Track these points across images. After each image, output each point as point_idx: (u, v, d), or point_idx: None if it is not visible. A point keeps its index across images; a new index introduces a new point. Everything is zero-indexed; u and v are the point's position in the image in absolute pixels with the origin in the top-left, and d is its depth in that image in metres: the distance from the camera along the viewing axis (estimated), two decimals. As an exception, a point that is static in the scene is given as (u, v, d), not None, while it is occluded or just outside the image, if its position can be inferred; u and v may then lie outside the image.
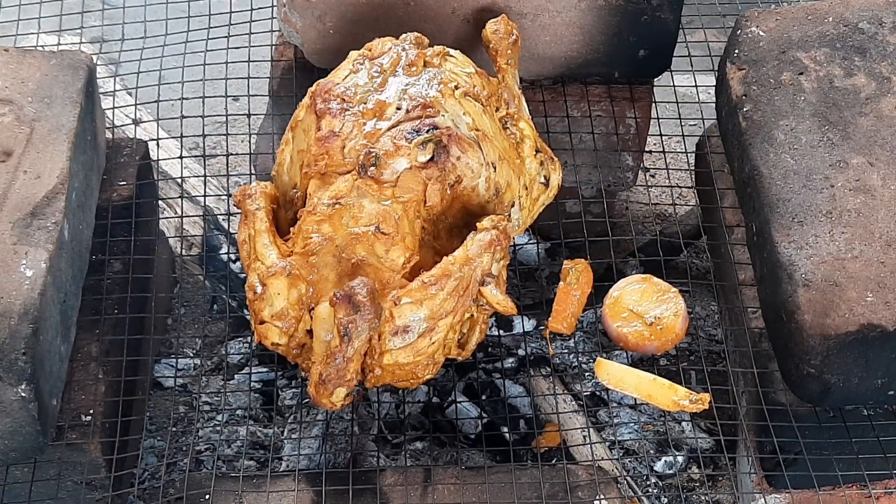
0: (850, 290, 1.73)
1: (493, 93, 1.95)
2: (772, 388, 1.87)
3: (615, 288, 2.00)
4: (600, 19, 2.18)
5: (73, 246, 1.86)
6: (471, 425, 2.14)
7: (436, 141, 1.78)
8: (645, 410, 2.19)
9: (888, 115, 1.92)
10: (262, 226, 1.81)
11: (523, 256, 2.30)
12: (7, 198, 1.80)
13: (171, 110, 2.29)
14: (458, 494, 1.82)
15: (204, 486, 1.83)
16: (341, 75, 1.91)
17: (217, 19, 2.34)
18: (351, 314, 1.61)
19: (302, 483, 1.83)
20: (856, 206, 1.82)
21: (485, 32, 2.06)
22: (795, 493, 1.94)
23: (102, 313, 1.94)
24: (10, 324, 1.66)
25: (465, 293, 1.73)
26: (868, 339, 1.71)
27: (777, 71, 2.00)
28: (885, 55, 2.00)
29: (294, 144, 1.91)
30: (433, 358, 1.76)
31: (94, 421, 1.84)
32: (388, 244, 1.75)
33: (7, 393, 1.64)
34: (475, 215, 1.82)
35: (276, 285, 1.74)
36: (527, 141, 1.96)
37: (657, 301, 1.96)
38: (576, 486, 1.83)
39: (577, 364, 2.21)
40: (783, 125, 1.93)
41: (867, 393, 1.79)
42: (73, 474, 1.82)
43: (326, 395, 1.67)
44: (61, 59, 2.01)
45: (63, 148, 1.88)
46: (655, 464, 2.14)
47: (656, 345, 1.93)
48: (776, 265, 1.80)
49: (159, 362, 2.26)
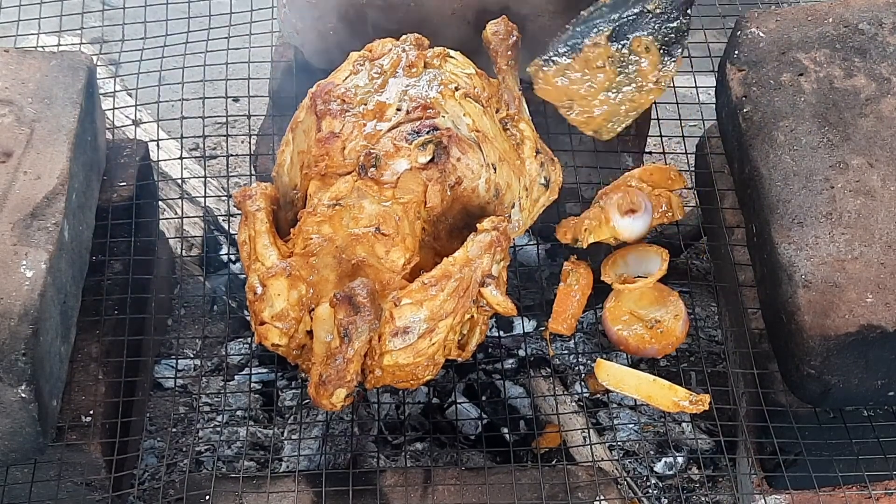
0: (850, 291, 1.73)
1: (494, 94, 1.95)
2: (772, 389, 1.87)
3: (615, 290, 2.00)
4: (600, 20, 2.18)
5: (73, 247, 1.86)
6: (471, 426, 2.14)
7: (436, 142, 1.79)
8: (645, 411, 2.19)
9: (888, 116, 1.92)
10: (262, 227, 1.81)
11: (523, 257, 2.30)
12: (7, 198, 1.80)
13: (171, 111, 2.29)
14: (458, 495, 1.82)
15: (204, 487, 1.83)
16: (342, 76, 1.91)
17: (217, 20, 2.34)
18: (351, 315, 1.62)
19: (302, 484, 1.84)
20: (856, 207, 1.82)
21: (485, 34, 2.06)
22: (795, 494, 1.94)
23: (102, 314, 1.94)
24: (11, 325, 1.66)
25: (466, 294, 1.73)
26: (868, 339, 1.71)
27: (777, 72, 2.00)
28: (885, 56, 2.00)
29: (294, 145, 1.91)
30: (433, 359, 1.76)
31: (94, 422, 1.84)
32: (388, 245, 1.75)
33: (7, 394, 1.64)
34: (475, 216, 1.82)
35: (276, 286, 1.74)
36: (527, 142, 1.96)
37: (657, 304, 1.96)
38: (576, 487, 1.83)
39: (576, 364, 2.21)
40: (783, 126, 1.93)
41: (867, 394, 1.79)
42: (73, 475, 1.82)
43: (326, 396, 1.67)
44: (61, 60, 2.01)
45: (63, 149, 1.88)
46: (655, 464, 2.14)
47: (657, 348, 1.93)
48: (776, 266, 1.80)
49: (159, 363, 2.26)
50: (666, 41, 1.83)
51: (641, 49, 1.83)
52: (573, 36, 1.82)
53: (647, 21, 1.82)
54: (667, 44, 1.84)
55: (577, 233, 1.96)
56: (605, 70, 1.85)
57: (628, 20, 1.81)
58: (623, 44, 1.83)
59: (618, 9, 1.82)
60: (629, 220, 1.93)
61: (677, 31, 1.85)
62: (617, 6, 1.82)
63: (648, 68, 1.84)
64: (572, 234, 1.98)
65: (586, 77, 1.85)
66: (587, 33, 1.83)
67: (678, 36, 1.85)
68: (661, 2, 1.82)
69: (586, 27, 1.81)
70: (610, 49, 1.83)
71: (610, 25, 1.82)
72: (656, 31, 1.84)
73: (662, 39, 1.83)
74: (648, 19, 1.81)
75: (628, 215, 1.94)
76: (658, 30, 1.84)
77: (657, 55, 1.83)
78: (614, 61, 1.84)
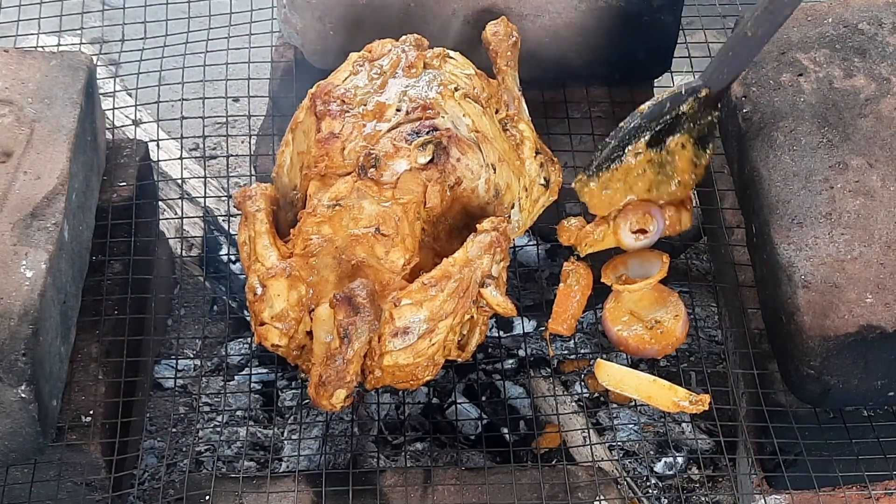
0: (850, 291, 1.73)
1: (493, 94, 1.95)
2: (772, 390, 1.87)
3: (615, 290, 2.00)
4: (600, 21, 2.18)
5: (73, 247, 1.86)
6: (471, 426, 2.15)
7: (436, 142, 1.79)
8: (645, 411, 2.19)
9: (888, 116, 1.92)
10: (262, 227, 1.81)
11: (523, 258, 2.30)
12: (7, 198, 1.80)
13: (171, 111, 2.29)
14: (458, 495, 1.82)
15: (204, 487, 1.83)
16: (341, 77, 1.91)
17: (217, 20, 2.34)
18: (351, 316, 1.62)
19: (302, 484, 1.84)
20: (855, 207, 1.82)
21: (485, 34, 2.06)
22: (795, 494, 1.94)
23: (102, 314, 1.94)
24: (10, 325, 1.66)
25: (465, 294, 1.73)
26: (867, 340, 1.71)
27: (776, 72, 2.00)
28: (885, 56, 2.00)
29: (294, 146, 1.91)
30: (433, 359, 1.76)
31: (94, 422, 1.84)
32: (387, 246, 1.75)
33: (7, 394, 1.64)
34: (475, 217, 1.82)
35: (276, 287, 1.74)
36: (527, 142, 1.96)
37: (657, 304, 1.95)
38: (576, 487, 1.83)
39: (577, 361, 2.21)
40: (783, 126, 1.93)
41: (867, 394, 1.79)
42: (73, 475, 1.82)
43: (326, 397, 1.67)
44: (61, 60, 2.02)
45: (63, 149, 1.88)
46: (655, 465, 2.14)
47: (657, 348, 1.93)
48: (776, 266, 1.80)
49: (159, 363, 2.26)
50: (700, 136, 1.90)
51: (678, 148, 1.90)
52: (614, 148, 1.90)
53: (682, 122, 1.88)
54: (701, 138, 1.90)
55: (579, 241, 1.97)
56: (646, 175, 1.91)
57: (665, 125, 1.88)
58: (661, 147, 1.89)
59: (655, 117, 1.88)
60: (639, 239, 1.94)
61: (710, 125, 1.90)
62: (654, 114, 1.89)
63: (683, 163, 1.91)
64: (573, 240, 1.98)
65: (628, 185, 1.91)
66: (627, 143, 1.89)
67: (710, 129, 1.91)
68: (694, 103, 1.87)
69: (626, 137, 1.89)
70: (650, 154, 1.89)
71: (648, 133, 1.88)
72: (691, 130, 1.89)
73: (697, 135, 1.90)
74: (683, 120, 1.88)
75: (638, 234, 1.95)
76: (693, 127, 1.89)
77: (692, 150, 1.90)
78: (653, 165, 1.90)
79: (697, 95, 1.86)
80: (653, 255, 1.96)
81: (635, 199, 1.91)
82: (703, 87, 1.86)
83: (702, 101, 1.86)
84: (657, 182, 1.91)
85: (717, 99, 1.88)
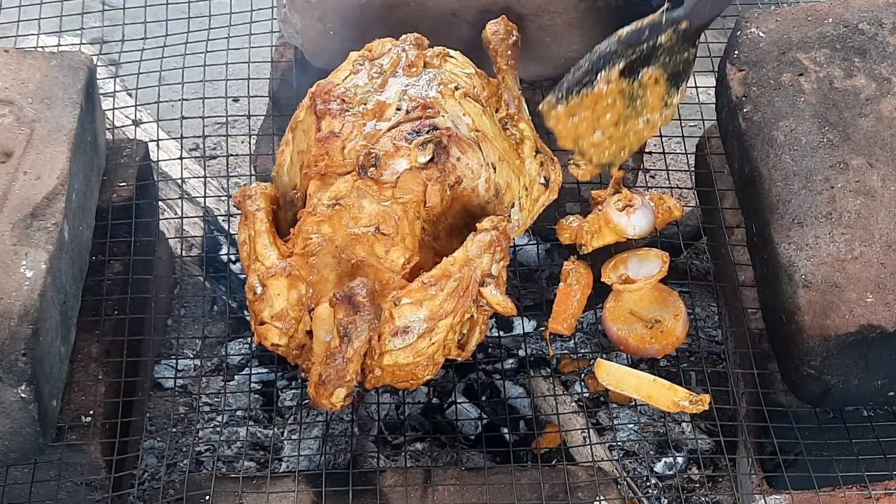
0: (850, 291, 1.73)
1: (493, 94, 1.95)
2: (772, 389, 1.87)
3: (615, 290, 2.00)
4: (600, 20, 2.18)
5: (73, 247, 1.86)
6: (471, 426, 2.14)
7: (436, 142, 1.79)
8: (645, 411, 2.19)
9: (888, 116, 1.92)
10: (262, 227, 1.81)
11: (523, 257, 2.30)
12: (7, 199, 1.80)
13: (171, 111, 2.29)
14: (458, 495, 1.82)
15: (204, 487, 1.83)
16: (341, 76, 1.91)
17: (217, 20, 2.34)
18: (351, 315, 1.61)
19: (302, 484, 1.84)
20: (856, 207, 1.82)
21: (485, 33, 2.06)
22: (795, 494, 1.94)
23: (102, 314, 1.94)
24: (10, 325, 1.66)
25: (465, 294, 1.73)
26: (868, 340, 1.71)
27: (777, 72, 2.00)
28: (885, 56, 2.00)
29: (294, 145, 1.91)
30: (433, 359, 1.76)
31: (94, 422, 1.84)
32: (387, 245, 1.75)
33: (7, 394, 1.64)
34: (475, 216, 1.82)
35: (275, 286, 1.74)
36: (527, 142, 1.96)
37: (657, 304, 1.95)
38: (576, 487, 1.83)
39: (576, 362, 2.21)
40: (783, 126, 1.93)
41: (867, 394, 1.79)
42: (73, 475, 1.82)
43: (326, 396, 1.67)
44: (61, 60, 2.02)
45: (63, 149, 1.88)
46: (655, 465, 2.14)
47: (657, 348, 1.93)
48: (776, 266, 1.80)
49: (159, 363, 2.26)
50: (674, 72, 1.84)
51: (651, 82, 1.83)
52: (587, 72, 1.82)
53: (659, 54, 1.81)
54: (675, 75, 1.84)
55: (578, 238, 1.97)
56: (615, 107, 1.83)
57: (641, 54, 1.81)
58: (634, 78, 1.82)
59: (632, 43, 1.81)
60: (628, 215, 1.93)
61: (685, 62, 1.84)
62: (631, 41, 1.81)
63: (654, 100, 1.84)
64: (573, 238, 1.98)
65: (596, 114, 1.83)
66: (601, 68, 1.81)
67: (686, 66, 1.84)
68: (673, 34, 1.80)
69: (600, 61, 1.81)
70: (622, 84, 1.82)
71: (623, 60, 1.81)
72: (666, 64, 1.83)
73: (671, 71, 1.84)
74: (660, 52, 1.81)
75: (626, 211, 1.94)
76: (668, 62, 1.83)
77: (664, 87, 1.84)
78: (624, 96, 1.83)
79: (678, 27, 1.79)
80: (653, 254, 1.96)
81: (601, 136, 1.83)
82: (684, 19, 1.80)
83: (681, 33, 1.79)
84: (625, 116, 1.83)
85: (696, 34, 1.80)
